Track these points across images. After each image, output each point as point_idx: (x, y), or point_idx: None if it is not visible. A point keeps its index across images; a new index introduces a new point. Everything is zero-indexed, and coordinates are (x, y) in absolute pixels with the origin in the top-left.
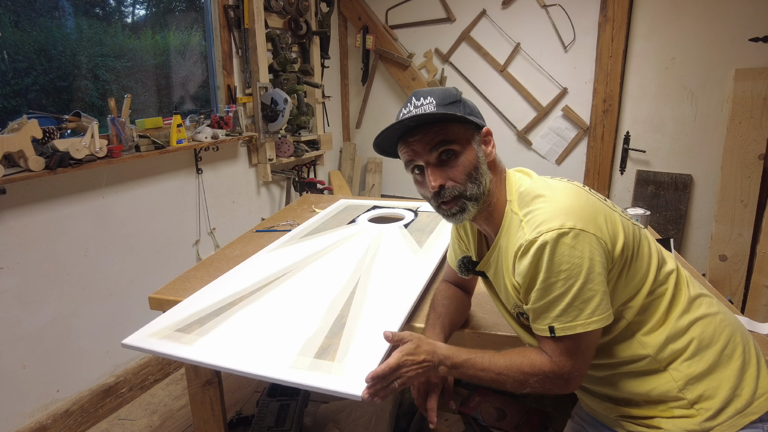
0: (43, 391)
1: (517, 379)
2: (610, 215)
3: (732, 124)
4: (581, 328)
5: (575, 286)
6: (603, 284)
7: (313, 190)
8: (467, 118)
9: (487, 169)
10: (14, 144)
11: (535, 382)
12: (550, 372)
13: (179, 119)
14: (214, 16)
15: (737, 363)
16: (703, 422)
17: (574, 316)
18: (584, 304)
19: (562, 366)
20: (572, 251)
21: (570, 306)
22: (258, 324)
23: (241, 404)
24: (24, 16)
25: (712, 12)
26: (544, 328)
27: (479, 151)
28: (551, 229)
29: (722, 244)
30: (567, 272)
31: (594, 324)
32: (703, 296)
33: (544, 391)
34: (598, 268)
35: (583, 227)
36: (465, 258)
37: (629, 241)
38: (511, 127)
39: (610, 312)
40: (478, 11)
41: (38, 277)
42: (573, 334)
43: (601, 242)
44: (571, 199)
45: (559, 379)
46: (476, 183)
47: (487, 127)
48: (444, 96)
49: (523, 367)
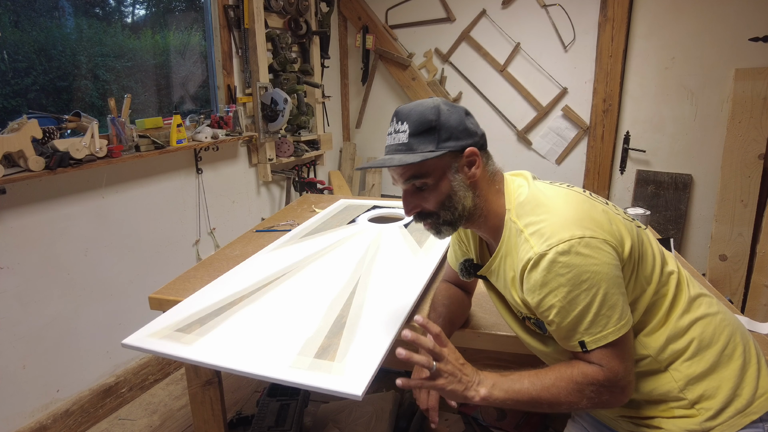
0: (43, 391)
1: (571, 390)
2: (614, 218)
3: (732, 123)
4: (613, 336)
5: (599, 294)
6: (622, 286)
7: (313, 190)
8: (433, 157)
9: (466, 193)
10: (14, 144)
11: (591, 392)
12: (605, 380)
13: (179, 119)
14: (214, 16)
15: (737, 363)
16: (703, 422)
17: (603, 325)
18: (611, 310)
19: (615, 372)
20: (588, 260)
21: (598, 315)
22: (258, 324)
23: (242, 404)
24: (24, 16)
25: (712, 12)
26: (575, 345)
27: (455, 178)
28: (562, 240)
29: (722, 243)
30: (588, 283)
31: (624, 328)
32: (703, 296)
33: (601, 405)
34: (616, 272)
35: (593, 234)
36: (467, 261)
37: (635, 243)
38: (511, 127)
39: (630, 312)
40: (478, 11)
41: (38, 277)
42: (607, 344)
43: (612, 245)
44: (574, 206)
45: (614, 386)
46: (450, 210)
47: (472, 148)
48: (419, 123)
49: (574, 377)
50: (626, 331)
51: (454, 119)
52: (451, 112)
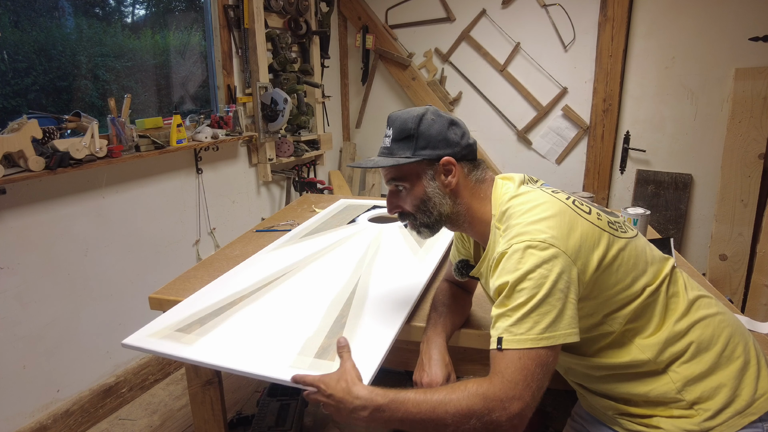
0: (43, 391)
1: (460, 407)
2: (588, 230)
3: (732, 123)
4: (531, 343)
5: (536, 297)
6: (563, 301)
7: (313, 189)
8: (407, 163)
9: (444, 199)
10: (14, 144)
11: (481, 408)
12: (500, 394)
13: (179, 119)
14: (213, 16)
15: (737, 364)
16: (702, 422)
17: (526, 328)
18: (540, 317)
19: (511, 390)
20: (539, 261)
21: (526, 316)
22: (258, 324)
23: (242, 404)
24: (24, 16)
25: (712, 11)
26: (494, 339)
27: (430, 185)
28: (522, 240)
29: (722, 243)
30: (530, 281)
31: (545, 341)
32: (702, 298)
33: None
34: (563, 285)
35: (554, 242)
36: (462, 261)
37: (608, 255)
38: (511, 126)
39: (571, 332)
40: (478, 11)
41: (38, 277)
42: (520, 348)
43: (571, 259)
44: (547, 213)
45: (507, 405)
46: (426, 213)
47: (448, 157)
48: (400, 129)
49: (468, 391)
50: (546, 344)
51: (435, 129)
52: (433, 122)
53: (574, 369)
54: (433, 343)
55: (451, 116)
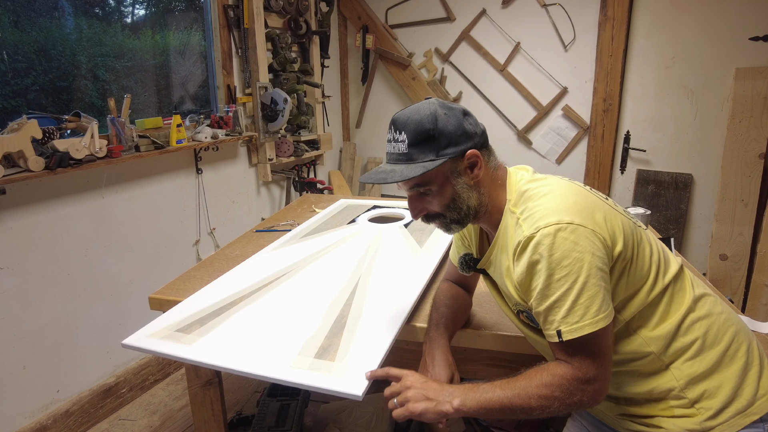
0: (43, 392)
1: (541, 393)
2: (611, 213)
3: (732, 123)
4: (589, 328)
5: (578, 282)
6: (605, 279)
7: (313, 189)
8: (432, 168)
9: (471, 193)
10: (14, 144)
11: (561, 394)
12: (574, 379)
13: (179, 119)
14: (213, 16)
15: (740, 363)
16: (703, 422)
17: (580, 315)
18: (590, 301)
19: (586, 370)
20: (572, 246)
21: (575, 304)
22: (258, 324)
23: (242, 404)
24: (24, 16)
25: (713, 11)
26: (553, 334)
27: (458, 182)
28: (549, 224)
29: (723, 243)
30: (568, 268)
31: (601, 322)
32: (707, 296)
33: (574, 406)
34: (599, 263)
35: (582, 222)
36: (466, 255)
37: (629, 241)
38: (511, 126)
39: (612, 308)
40: (478, 11)
41: (38, 277)
42: (582, 336)
43: (600, 237)
44: (569, 196)
45: (586, 386)
46: (455, 210)
47: (473, 150)
48: (417, 132)
49: (544, 379)
50: (604, 325)
51: (452, 124)
52: (448, 117)
53: None
54: (436, 343)
55: (460, 105)
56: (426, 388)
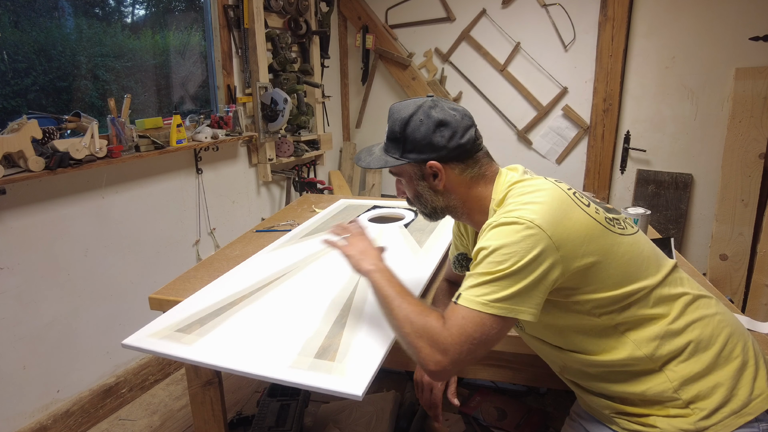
0: (43, 392)
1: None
2: (584, 224)
3: (732, 123)
4: (479, 307)
5: (504, 269)
6: (529, 281)
7: (313, 190)
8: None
9: (435, 197)
10: (14, 144)
11: (413, 332)
12: (433, 334)
13: (179, 119)
14: (213, 16)
15: (734, 364)
16: (697, 422)
17: (483, 292)
18: (500, 288)
19: (445, 339)
20: (518, 239)
21: (487, 283)
22: (258, 324)
23: (242, 404)
24: (24, 16)
25: (713, 11)
26: (456, 295)
27: (420, 185)
28: (510, 215)
29: (723, 243)
30: (504, 255)
31: (493, 308)
32: (701, 298)
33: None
34: (535, 267)
35: (540, 224)
36: (461, 254)
37: (600, 251)
38: (511, 126)
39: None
40: (478, 11)
41: (38, 278)
42: (469, 308)
43: (553, 247)
44: (544, 198)
45: (432, 349)
46: (422, 205)
47: (432, 162)
48: (391, 130)
49: (422, 310)
50: (492, 312)
51: (421, 133)
52: (420, 124)
53: (569, 367)
54: None
55: (443, 116)
56: (367, 248)
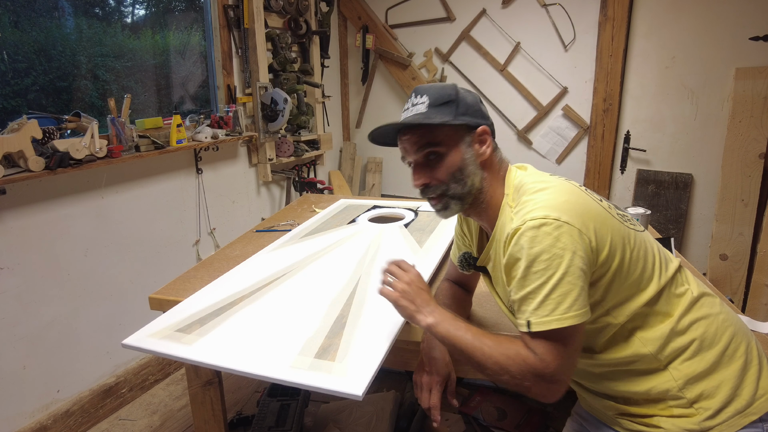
0: (43, 392)
1: (499, 362)
2: (603, 217)
3: (732, 123)
4: (557, 324)
5: (554, 278)
6: (582, 279)
7: (313, 189)
8: (451, 123)
9: (477, 169)
10: (14, 144)
11: (515, 373)
12: (532, 368)
13: (179, 119)
14: (213, 16)
15: (738, 363)
16: (702, 421)
17: (550, 309)
18: (562, 297)
19: (546, 365)
20: (554, 241)
21: (547, 298)
22: (258, 324)
23: (242, 404)
24: (24, 16)
25: (713, 11)
26: (523, 323)
27: (467, 152)
28: (535, 218)
29: (723, 243)
30: (546, 262)
31: (570, 320)
32: (706, 296)
33: (523, 390)
34: (578, 263)
35: (568, 220)
36: (466, 254)
37: (618, 246)
38: (511, 126)
39: (587, 309)
40: (478, 10)
41: (38, 278)
42: (549, 330)
43: (585, 238)
44: (562, 194)
45: (540, 380)
46: (460, 183)
47: (485, 126)
48: (438, 95)
49: (509, 351)
50: (572, 323)
51: (471, 99)
52: (467, 93)
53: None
54: (434, 343)
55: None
56: (418, 293)
